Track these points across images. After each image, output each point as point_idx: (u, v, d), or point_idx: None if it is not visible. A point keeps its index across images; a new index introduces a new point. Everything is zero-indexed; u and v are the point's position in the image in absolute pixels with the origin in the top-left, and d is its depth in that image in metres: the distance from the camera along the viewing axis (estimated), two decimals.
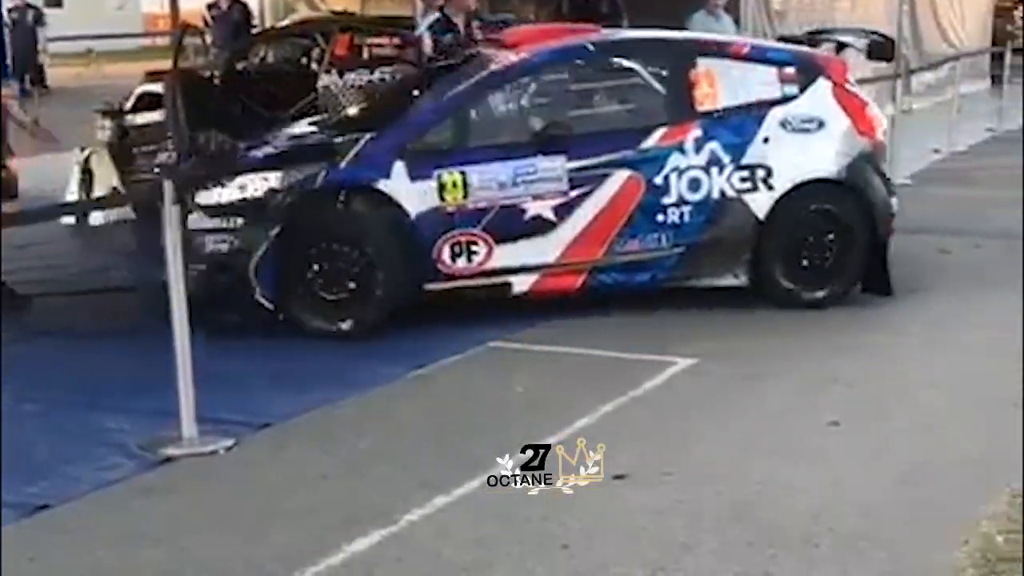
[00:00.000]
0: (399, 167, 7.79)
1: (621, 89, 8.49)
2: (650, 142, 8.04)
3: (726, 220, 8.10)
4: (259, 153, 8.28)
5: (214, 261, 7.78)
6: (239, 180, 7.87)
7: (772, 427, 6.19)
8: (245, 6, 17.04)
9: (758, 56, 8.53)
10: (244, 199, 7.81)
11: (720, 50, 8.54)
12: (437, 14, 10.45)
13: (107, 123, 12.76)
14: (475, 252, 7.87)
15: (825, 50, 9.31)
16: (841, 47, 9.53)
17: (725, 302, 8.25)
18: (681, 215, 8.05)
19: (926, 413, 6.39)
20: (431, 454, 5.95)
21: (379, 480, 5.66)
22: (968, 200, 12.65)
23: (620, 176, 7.98)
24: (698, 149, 8.06)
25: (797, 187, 8.13)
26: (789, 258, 8.22)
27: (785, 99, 8.31)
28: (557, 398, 6.72)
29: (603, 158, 7.97)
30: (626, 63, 8.43)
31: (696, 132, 8.09)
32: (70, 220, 11.63)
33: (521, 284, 8.00)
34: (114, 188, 12.28)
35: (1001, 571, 4.60)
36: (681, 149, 8.05)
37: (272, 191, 7.80)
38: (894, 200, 8.46)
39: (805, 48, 9.08)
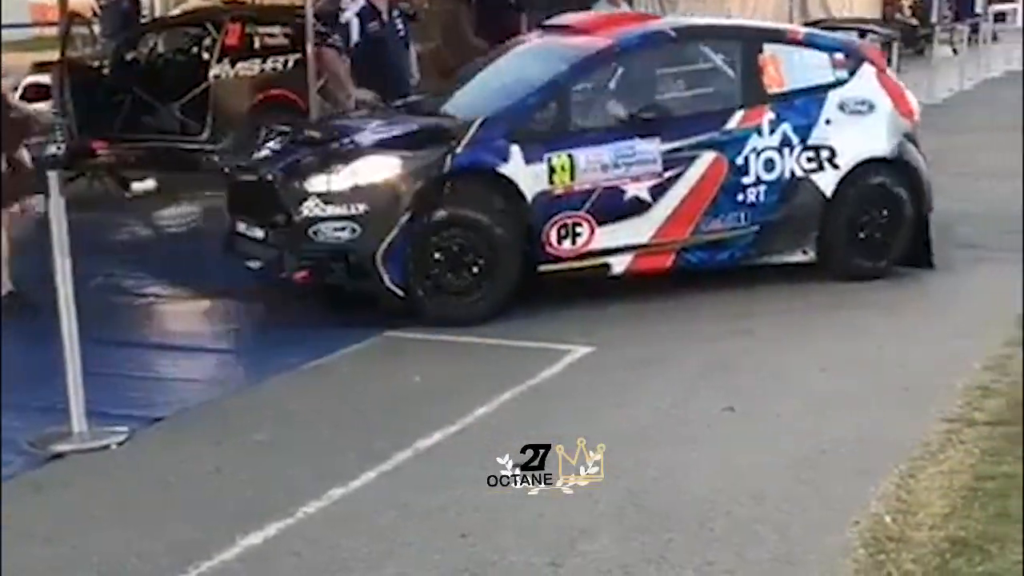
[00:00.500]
0: (515, 150, 7.84)
1: (701, 73, 8.78)
2: (732, 124, 8.38)
3: (797, 198, 8.47)
4: (369, 139, 8.11)
5: (334, 249, 7.64)
6: (352, 166, 7.73)
7: (668, 413, 6.24)
8: None
9: (811, 42, 9.03)
10: (366, 185, 7.66)
11: (780, 36, 9.04)
12: (362, 1, 10.33)
13: None
14: (579, 234, 7.98)
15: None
16: (863, 35, 10.02)
17: (618, 291, 8.30)
18: (758, 194, 8.36)
19: (818, 397, 6.47)
20: (327, 445, 5.92)
21: (275, 472, 5.61)
22: None
23: (707, 157, 8.25)
24: (772, 131, 8.41)
25: (858, 165, 8.56)
26: (852, 233, 8.62)
27: (838, 83, 8.75)
28: (455, 387, 6.71)
29: (692, 140, 8.23)
30: (703, 48, 8.80)
31: (770, 114, 8.45)
32: None
33: (618, 265, 8.16)
34: None
35: (891, 551, 4.67)
36: (759, 131, 8.39)
37: (400, 176, 7.69)
38: None
39: (847, 36, 9.69)
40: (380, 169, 7.70)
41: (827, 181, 8.51)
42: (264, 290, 8.59)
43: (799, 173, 8.46)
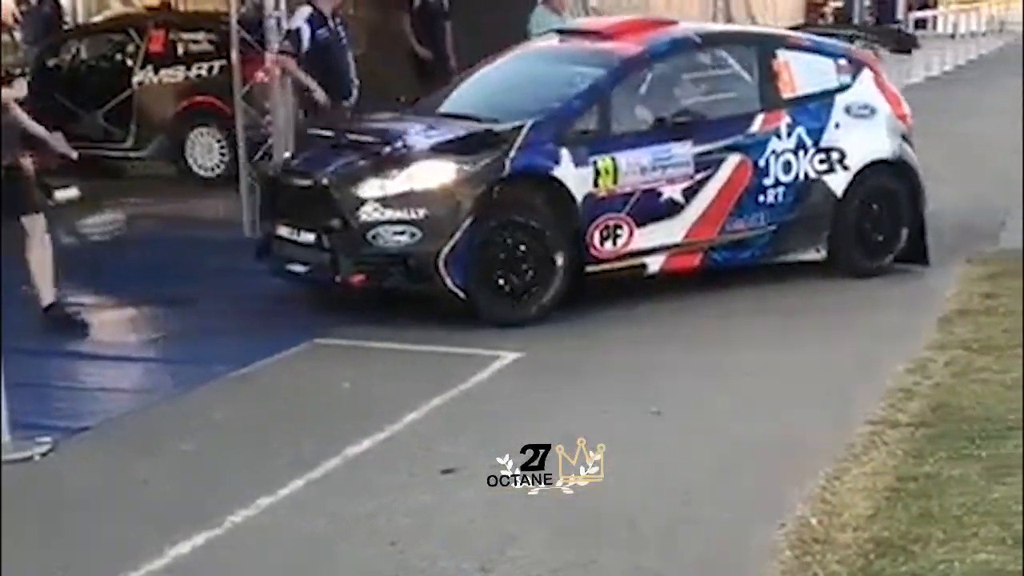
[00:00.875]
0: (565, 154, 7.98)
1: (723, 78, 8.99)
2: (755, 127, 8.64)
3: (811, 199, 8.76)
4: (422, 143, 8.12)
5: (394, 253, 7.69)
6: (408, 171, 7.77)
7: (597, 417, 6.27)
8: (56, 2, 16.63)
9: (818, 49, 9.37)
10: (424, 190, 7.71)
11: (791, 43, 9.38)
12: (310, 8, 10.30)
13: None
14: (619, 235, 8.14)
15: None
16: (851, 40, 10.41)
17: None
18: (776, 195, 8.64)
19: (744, 400, 6.53)
20: (255, 454, 5.89)
21: (202, 482, 5.58)
22: None
23: (734, 160, 8.49)
24: (789, 134, 8.70)
25: (865, 167, 8.89)
26: (860, 232, 8.94)
27: (843, 88, 9.09)
28: (384, 394, 6.71)
29: (721, 143, 8.48)
30: (724, 53, 9.05)
31: (786, 118, 8.74)
32: None
33: (654, 264, 8.32)
34: None
35: (816, 552, 4.72)
36: (777, 134, 8.67)
37: (459, 181, 7.75)
38: None
39: (846, 43, 10.05)
40: (437, 174, 7.77)
41: (838, 182, 8.82)
42: (191, 298, 8.55)
43: (812, 175, 8.75)
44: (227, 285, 9.01)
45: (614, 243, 8.13)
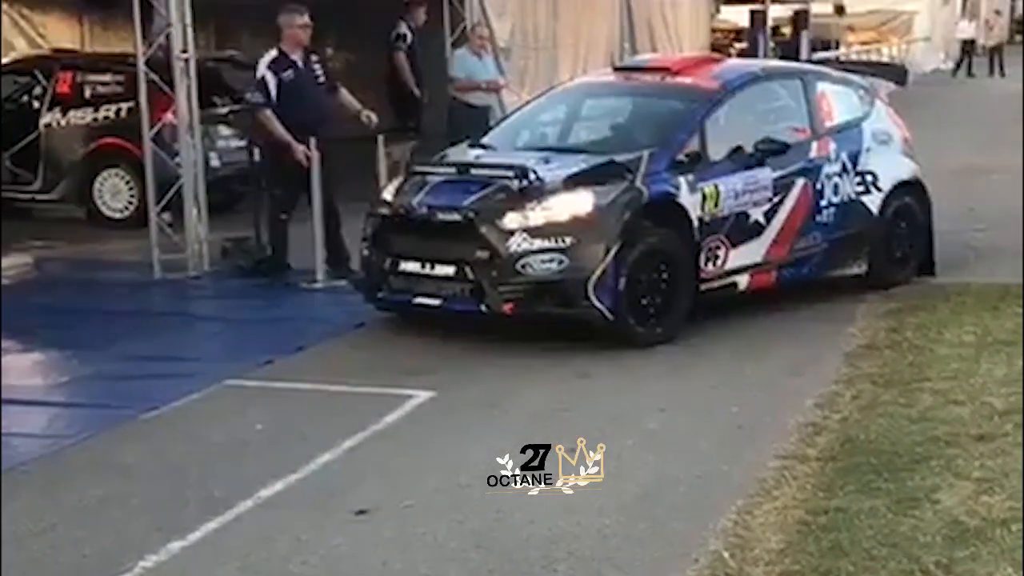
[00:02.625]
0: (682, 181, 8.52)
1: (782, 108, 9.72)
2: (813, 153, 9.42)
3: (853, 217, 9.54)
4: (554, 175, 8.39)
5: (544, 280, 8.05)
6: (549, 202, 8.16)
7: (510, 455, 6.26)
8: None
9: (845, 81, 10.31)
10: (569, 219, 8.11)
11: (826, 76, 10.31)
12: (274, 52, 10.25)
13: None
14: (719, 256, 8.69)
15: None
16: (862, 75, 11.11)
17: (456, 335, 8.36)
18: (829, 215, 9.41)
19: (656, 437, 6.58)
20: (167, 498, 5.83)
21: (113, 527, 5.51)
22: None
23: (800, 183, 9.22)
24: (836, 158, 9.51)
25: (894, 187, 9.73)
26: (891, 247, 9.77)
27: (866, 116, 10.01)
28: (297, 435, 6.67)
29: (791, 168, 9.18)
30: (780, 86, 9.87)
31: (833, 144, 9.56)
32: None
33: (742, 283, 8.91)
34: None
35: None
36: (828, 158, 9.47)
37: (603, 208, 8.16)
38: None
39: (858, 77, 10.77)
40: (579, 204, 8.17)
41: (873, 201, 9.63)
42: (99, 340, 8.45)
43: (853, 196, 9.54)
44: (137, 327, 8.93)
45: (715, 263, 8.68)
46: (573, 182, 8.31)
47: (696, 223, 8.52)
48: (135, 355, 8.15)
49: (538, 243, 8.03)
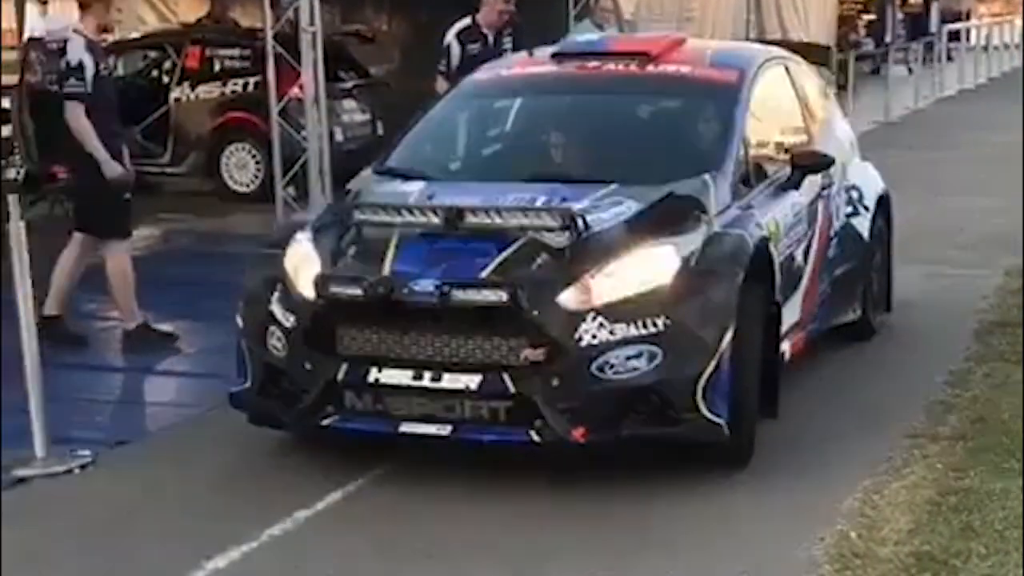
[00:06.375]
0: (756, 216, 6.15)
1: (784, 104, 7.38)
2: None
3: (849, 248, 7.48)
4: (613, 224, 5.72)
5: (631, 387, 5.35)
6: (618, 264, 5.50)
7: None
8: None
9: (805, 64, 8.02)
10: (655, 290, 5.43)
11: (792, 57, 7.86)
12: (467, 20, 10.00)
13: None
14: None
15: None
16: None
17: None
18: (833, 248, 7.28)
19: (783, 413, 6.40)
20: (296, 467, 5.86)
21: (243, 496, 5.59)
22: None
23: (821, 208, 7.07)
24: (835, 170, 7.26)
25: (876, 204, 7.82)
26: (877, 280, 7.92)
27: (832, 111, 8.19)
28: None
29: (815, 189, 6.99)
30: (780, 74, 7.46)
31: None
32: None
33: (786, 351, 6.45)
34: None
35: (856, 567, 4.69)
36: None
37: (703, 267, 5.60)
38: None
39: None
40: (662, 264, 5.54)
41: (863, 224, 7.63)
42: (225, 312, 8.54)
43: (843, 219, 7.46)
44: None
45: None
46: (639, 231, 5.66)
47: (779, 274, 6.14)
48: None
49: (620, 330, 5.33)
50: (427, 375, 5.45)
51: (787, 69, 7.48)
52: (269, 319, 5.79)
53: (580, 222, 5.55)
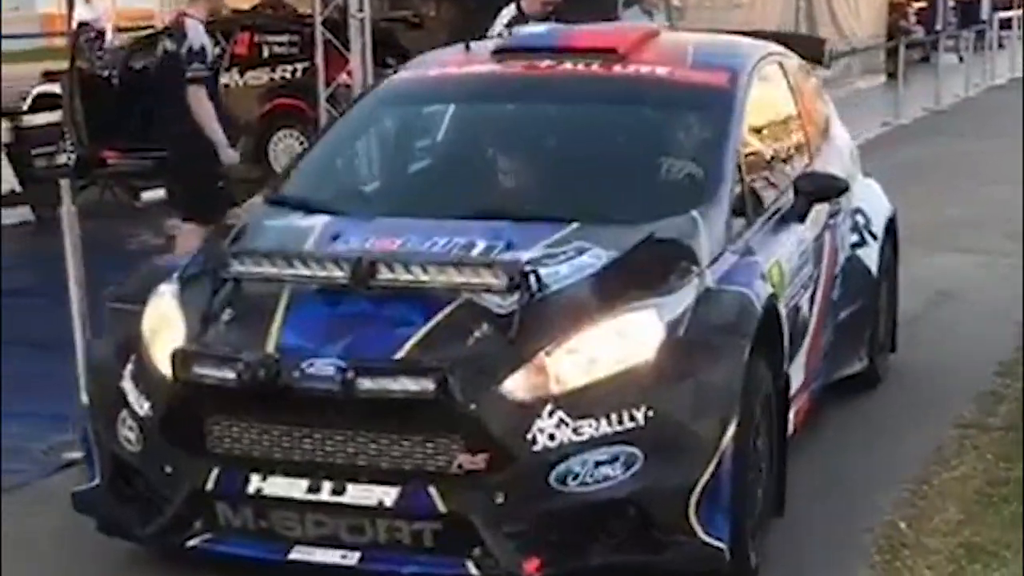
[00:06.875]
0: (760, 264, 4.90)
1: (782, 112, 6.18)
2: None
3: (855, 285, 6.27)
4: (575, 282, 4.40)
5: (600, 502, 4.10)
6: (574, 340, 4.21)
7: None
8: None
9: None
10: (626, 369, 4.18)
11: (785, 52, 6.42)
12: (512, 9, 9.64)
13: (4, 124, 12.57)
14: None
15: None
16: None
17: None
18: (837, 288, 6.08)
19: (833, 397, 6.40)
20: None
21: None
22: None
23: (827, 241, 5.88)
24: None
25: (884, 231, 6.59)
26: (887, 314, 6.76)
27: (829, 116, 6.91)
28: None
29: (822, 220, 5.82)
30: (776, 73, 6.19)
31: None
32: None
33: (792, 419, 5.11)
34: (12, 190, 12.11)
35: (906, 557, 4.67)
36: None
37: (696, 337, 4.32)
38: None
39: None
40: (641, 334, 4.26)
41: (870, 256, 6.40)
42: None
43: (848, 251, 6.26)
44: None
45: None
46: (610, 290, 4.37)
47: (787, 336, 4.93)
48: None
49: (587, 428, 4.07)
50: (327, 486, 4.19)
51: (783, 68, 6.14)
52: (120, 400, 4.48)
53: (532, 279, 4.24)
